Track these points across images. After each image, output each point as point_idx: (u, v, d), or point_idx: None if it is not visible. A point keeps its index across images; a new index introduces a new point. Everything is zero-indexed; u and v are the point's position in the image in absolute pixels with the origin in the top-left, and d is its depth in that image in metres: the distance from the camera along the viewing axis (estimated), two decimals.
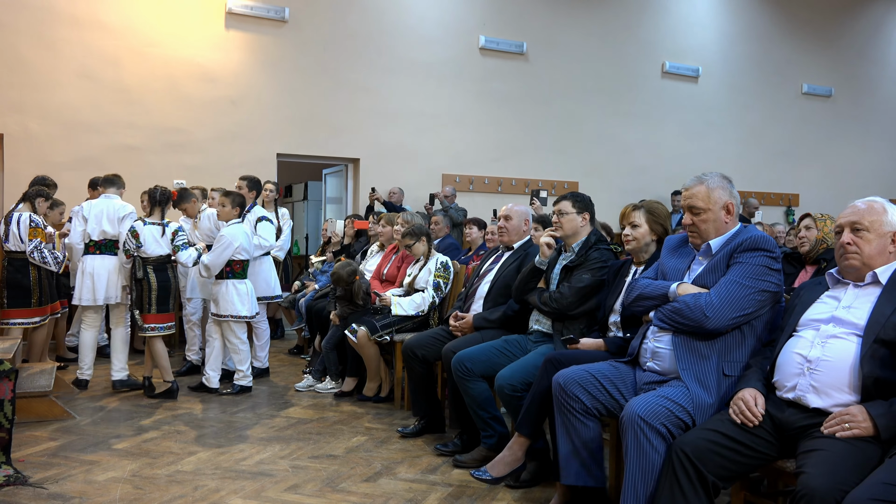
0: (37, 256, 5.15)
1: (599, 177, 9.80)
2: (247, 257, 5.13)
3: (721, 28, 10.80)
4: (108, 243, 5.17)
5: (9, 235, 5.17)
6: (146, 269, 4.91)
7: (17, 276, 5.17)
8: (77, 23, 7.30)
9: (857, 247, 2.36)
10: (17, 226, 5.17)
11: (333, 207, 9.66)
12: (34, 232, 5.15)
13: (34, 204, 5.31)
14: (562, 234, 3.59)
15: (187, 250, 4.99)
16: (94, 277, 5.08)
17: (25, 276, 5.19)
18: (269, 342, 5.75)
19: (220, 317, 5.06)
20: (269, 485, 3.35)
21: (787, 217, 11.07)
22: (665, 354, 2.68)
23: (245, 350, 5.14)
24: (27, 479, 3.33)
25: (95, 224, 5.12)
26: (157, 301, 4.92)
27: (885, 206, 2.38)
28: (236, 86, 7.97)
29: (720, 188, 2.73)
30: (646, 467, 2.40)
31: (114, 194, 5.29)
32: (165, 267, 5.00)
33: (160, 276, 4.94)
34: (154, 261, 4.93)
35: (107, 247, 5.17)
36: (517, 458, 3.28)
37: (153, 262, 4.93)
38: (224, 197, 5.16)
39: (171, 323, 5.02)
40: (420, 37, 8.87)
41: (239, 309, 5.04)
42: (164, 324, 4.96)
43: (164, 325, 4.96)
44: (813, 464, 2.03)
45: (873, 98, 12.01)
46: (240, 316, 5.05)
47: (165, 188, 5.12)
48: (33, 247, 5.14)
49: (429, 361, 4.11)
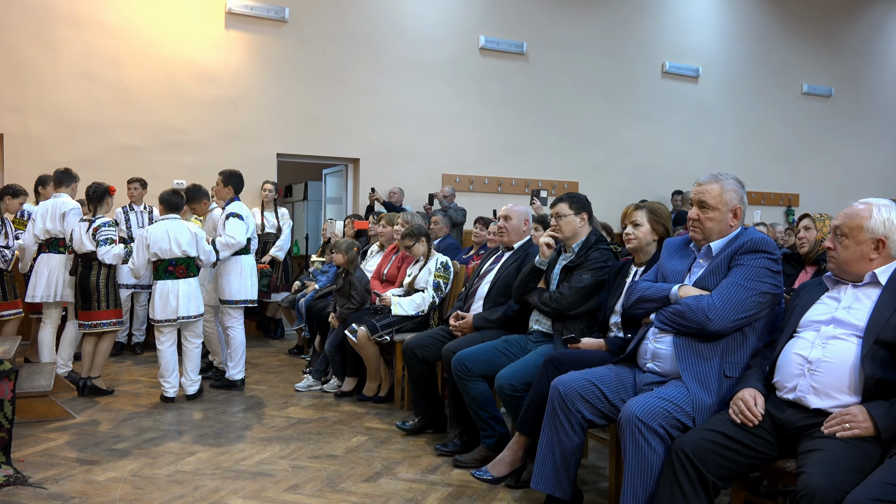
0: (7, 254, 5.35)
1: (599, 177, 9.79)
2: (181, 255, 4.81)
3: (721, 28, 10.80)
4: (54, 241, 5.25)
5: None
6: (76, 265, 5.04)
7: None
8: (77, 23, 7.30)
9: (836, 251, 2.37)
10: None
11: (333, 207, 9.66)
12: None
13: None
14: (561, 236, 3.59)
15: (107, 246, 4.90)
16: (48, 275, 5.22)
17: None
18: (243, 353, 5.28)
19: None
20: (269, 485, 3.35)
21: (787, 217, 11.07)
22: (665, 355, 2.68)
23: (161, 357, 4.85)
24: (27, 479, 3.33)
25: (41, 223, 5.26)
26: (81, 297, 5.00)
27: (871, 212, 2.34)
28: (236, 86, 7.97)
29: (733, 191, 2.74)
30: (644, 468, 2.40)
31: (63, 192, 5.36)
32: (91, 264, 5.00)
33: (83, 273, 5.00)
34: (81, 257, 5.02)
35: (52, 245, 5.27)
36: (517, 458, 3.28)
37: (82, 259, 5.01)
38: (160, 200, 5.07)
39: (97, 321, 4.96)
40: (420, 37, 8.86)
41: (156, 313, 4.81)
42: (88, 321, 4.97)
43: (88, 322, 4.98)
44: (813, 464, 2.03)
45: (873, 98, 12.00)
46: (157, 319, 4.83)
47: (100, 184, 5.11)
48: None
49: (429, 361, 4.11)
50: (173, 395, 4.86)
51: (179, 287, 4.80)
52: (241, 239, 5.09)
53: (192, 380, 4.95)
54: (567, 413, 2.74)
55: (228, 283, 5.17)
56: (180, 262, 4.82)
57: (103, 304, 4.99)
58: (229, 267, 5.19)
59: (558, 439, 2.77)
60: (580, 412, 2.73)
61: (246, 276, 5.24)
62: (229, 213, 5.16)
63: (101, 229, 4.93)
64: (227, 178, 5.37)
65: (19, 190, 5.69)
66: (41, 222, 5.27)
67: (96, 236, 4.93)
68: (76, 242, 5.01)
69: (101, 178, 5.41)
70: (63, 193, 5.39)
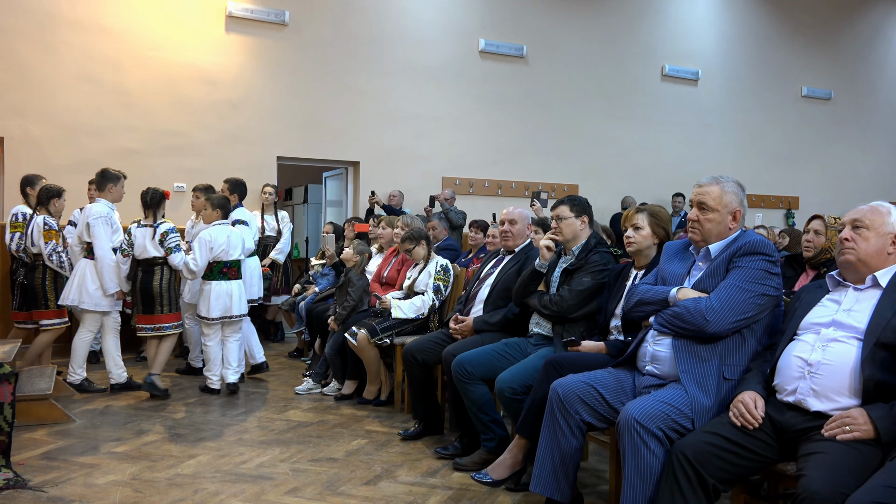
0: (55, 260, 5.18)
1: (599, 180, 9.79)
2: (236, 258, 5.17)
3: (720, 31, 10.81)
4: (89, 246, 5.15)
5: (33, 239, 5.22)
6: (136, 271, 5.03)
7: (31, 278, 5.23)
8: (78, 26, 7.31)
9: (855, 243, 2.37)
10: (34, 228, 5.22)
11: (333, 210, 9.66)
12: (48, 234, 5.17)
13: (47, 206, 5.31)
14: (562, 238, 3.59)
15: (180, 252, 4.99)
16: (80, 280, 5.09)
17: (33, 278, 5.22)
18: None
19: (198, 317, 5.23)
20: (269, 488, 3.35)
21: (787, 220, 11.07)
22: (665, 358, 2.69)
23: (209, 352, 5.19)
24: (27, 483, 3.33)
25: (80, 227, 5.18)
26: (141, 302, 5.02)
27: (889, 209, 2.40)
28: (236, 89, 7.97)
29: (733, 194, 2.75)
30: (644, 471, 2.40)
31: (103, 198, 5.18)
32: (153, 269, 5.02)
33: (144, 279, 5.01)
34: (143, 262, 5.01)
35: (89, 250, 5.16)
36: (517, 461, 3.28)
37: (143, 264, 5.01)
38: (206, 200, 5.28)
39: (160, 325, 5.02)
40: (420, 40, 8.87)
41: (201, 309, 5.16)
42: (150, 325, 5.01)
43: (150, 326, 5.01)
44: (813, 466, 2.03)
45: (873, 101, 12.01)
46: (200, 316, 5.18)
47: (157, 189, 5.13)
48: (50, 249, 5.16)
49: (429, 365, 4.11)
50: (219, 386, 5.19)
51: (233, 288, 5.16)
52: (250, 245, 5.56)
53: (235, 369, 5.23)
54: (566, 416, 2.74)
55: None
56: (233, 265, 5.19)
57: (165, 308, 5.06)
58: None
59: (557, 442, 2.77)
60: (579, 415, 2.73)
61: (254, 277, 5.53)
62: (235, 220, 5.50)
63: (169, 235, 4.99)
64: (234, 187, 5.70)
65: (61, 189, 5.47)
66: (78, 227, 5.20)
67: (165, 242, 4.96)
68: (138, 248, 5.00)
69: None
70: (102, 199, 5.15)
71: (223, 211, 5.22)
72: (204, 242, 5.01)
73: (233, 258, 5.16)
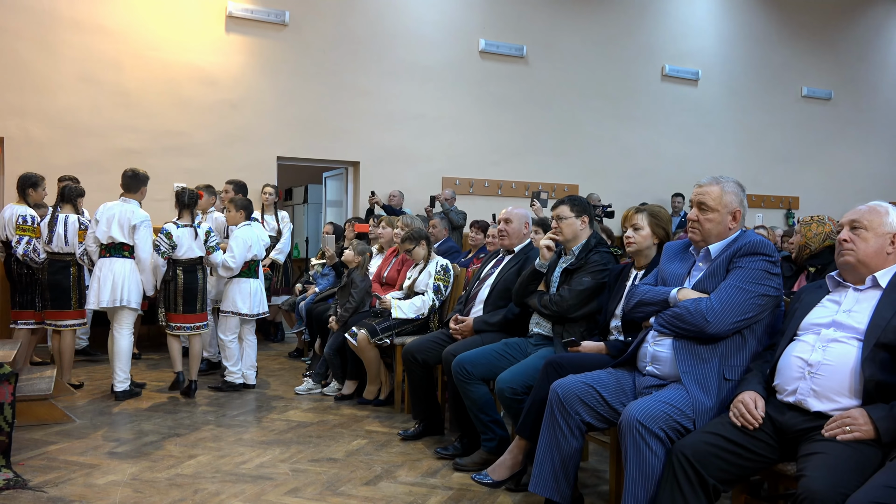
0: (87, 260, 5.16)
1: (599, 180, 9.79)
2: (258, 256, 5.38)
3: (721, 31, 10.81)
4: (117, 246, 4.98)
5: (53, 237, 5.13)
6: (175, 271, 5.06)
7: (58, 278, 5.15)
8: (78, 26, 7.31)
9: (854, 244, 2.37)
10: (65, 227, 5.14)
11: (333, 211, 9.66)
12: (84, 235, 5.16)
13: (75, 205, 5.28)
14: (562, 238, 3.59)
15: (219, 251, 5.19)
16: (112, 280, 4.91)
17: (66, 277, 5.18)
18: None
19: (222, 312, 5.29)
20: (269, 488, 3.35)
21: (788, 220, 11.07)
22: (665, 358, 2.68)
23: (233, 347, 5.28)
24: (27, 483, 3.33)
25: (105, 227, 4.96)
26: (183, 301, 5.07)
27: (888, 209, 2.39)
28: (236, 89, 7.97)
29: (733, 194, 2.75)
30: (645, 472, 2.40)
31: (132, 199, 5.06)
32: (195, 268, 5.11)
33: (188, 278, 5.08)
34: (184, 262, 5.07)
35: (115, 249, 4.98)
36: (518, 462, 3.27)
37: (184, 264, 5.07)
38: (230, 203, 5.44)
39: (199, 323, 5.16)
40: (420, 40, 8.87)
41: (240, 307, 5.24)
42: (190, 324, 5.09)
43: (190, 325, 5.09)
44: (814, 467, 2.03)
45: (873, 101, 12.01)
46: (240, 313, 5.25)
47: (193, 190, 5.23)
48: (82, 250, 5.14)
49: (429, 365, 4.11)
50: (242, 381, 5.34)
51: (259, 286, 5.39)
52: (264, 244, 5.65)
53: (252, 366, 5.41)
54: (566, 417, 2.74)
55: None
56: (257, 264, 5.38)
57: (202, 307, 5.17)
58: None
59: (557, 443, 2.77)
60: (579, 416, 2.73)
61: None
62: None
63: (211, 235, 5.15)
64: (239, 188, 5.83)
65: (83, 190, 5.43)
66: (105, 226, 4.95)
67: (207, 242, 5.10)
68: (182, 248, 5.02)
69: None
70: (132, 199, 5.06)
71: (247, 212, 5.40)
72: (242, 242, 5.18)
73: (259, 257, 5.41)
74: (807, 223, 4.21)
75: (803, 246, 4.17)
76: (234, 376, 5.29)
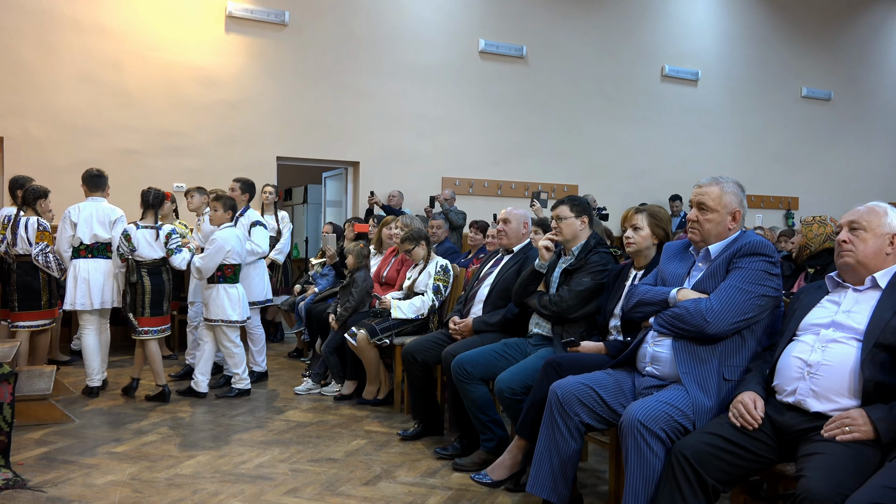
0: (41, 260, 5.15)
1: (599, 180, 9.80)
2: (238, 261, 5.11)
3: (720, 32, 10.82)
4: (101, 247, 5.10)
5: (17, 240, 5.16)
6: (140, 273, 4.93)
7: (27, 279, 5.16)
8: (78, 26, 7.31)
9: (853, 245, 2.36)
10: (26, 230, 5.15)
11: (333, 211, 9.66)
12: (41, 235, 5.15)
13: (35, 207, 5.30)
14: (562, 238, 3.59)
15: (181, 253, 5.00)
16: (90, 282, 5.03)
17: (35, 278, 5.18)
18: (265, 346, 5.73)
19: (210, 321, 5.06)
20: (268, 488, 3.34)
21: (787, 221, 11.08)
22: (665, 359, 2.68)
23: (239, 353, 5.14)
24: (26, 483, 3.33)
25: (86, 228, 5.04)
26: (150, 304, 4.93)
27: (886, 209, 2.39)
28: (236, 89, 7.98)
29: (732, 194, 2.75)
30: (646, 472, 2.40)
31: (100, 197, 5.20)
32: (160, 270, 5.00)
33: (154, 280, 4.95)
34: (148, 264, 4.94)
35: (98, 250, 5.10)
36: (517, 462, 3.27)
37: (147, 266, 4.94)
38: (215, 201, 5.14)
39: (165, 325, 5.05)
40: (420, 40, 8.88)
41: (230, 314, 5.03)
42: (157, 327, 4.98)
43: (157, 328, 4.98)
44: (813, 467, 2.03)
45: (873, 101, 12.02)
46: (230, 321, 5.03)
47: (158, 190, 5.09)
48: (39, 250, 5.13)
49: (428, 365, 4.11)
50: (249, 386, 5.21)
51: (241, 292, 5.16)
52: (266, 248, 5.60)
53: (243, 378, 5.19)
54: (565, 418, 2.74)
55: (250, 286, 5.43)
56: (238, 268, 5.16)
57: (168, 309, 5.10)
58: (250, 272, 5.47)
59: (556, 444, 2.76)
60: (578, 417, 2.72)
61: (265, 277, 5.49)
62: (255, 221, 5.58)
63: (173, 237, 5.01)
64: (245, 187, 5.67)
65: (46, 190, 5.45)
66: (86, 227, 5.04)
67: (168, 244, 4.98)
68: (143, 250, 4.93)
69: None
70: (100, 197, 5.18)
71: (233, 213, 5.19)
72: (219, 245, 4.96)
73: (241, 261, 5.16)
74: (808, 223, 4.22)
75: (803, 246, 4.17)
76: (244, 382, 5.16)
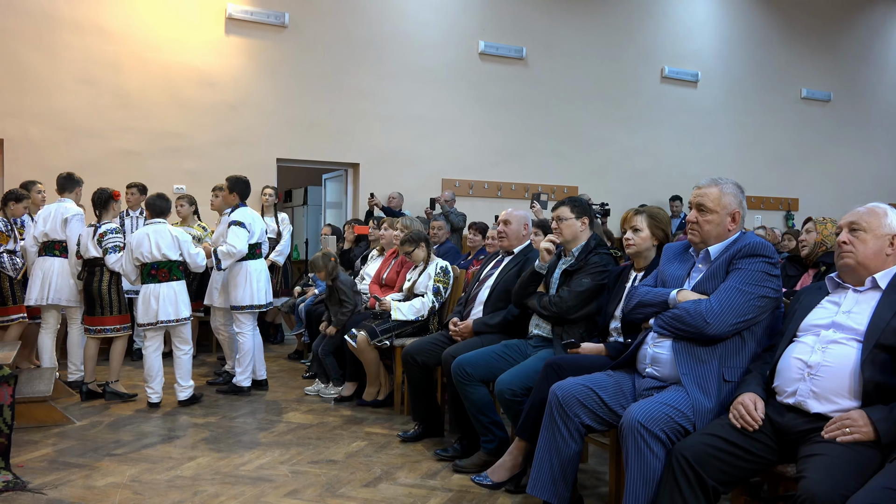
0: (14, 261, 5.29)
1: (599, 181, 9.80)
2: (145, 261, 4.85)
3: (720, 33, 10.82)
4: (51, 245, 5.23)
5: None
6: (93, 270, 5.05)
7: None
8: (78, 28, 7.32)
9: (853, 246, 2.36)
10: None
11: (333, 212, 9.66)
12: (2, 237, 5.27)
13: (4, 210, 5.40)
14: (562, 239, 3.59)
15: (115, 253, 4.96)
16: (44, 279, 5.18)
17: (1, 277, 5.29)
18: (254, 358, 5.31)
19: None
20: (268, 490, 3.34)
21: (787, 222, 11.08)
22: (665, 360, 2.68)
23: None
24: (26, 485, 3.33)
25: (41, 226, 5.25)
26: (86, 303, 5.06)
27: (886, 210, 2.39)
28: (236, 91, 7.98)
29: (732, 195, 2.75)
30: (646, 473, 2.40)
31: (67, 197, 5.37)
32: (94, 269, 5.04)
33: (87, 279, 5.06)
34: (88, 263, 5.05)
35: (49, 248, 5.24)
36: (517, 464, 3.27)
37: (88, 265, 5.05)
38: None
39: (121, 325, 5.06)
40: (420, 42, 8.88)
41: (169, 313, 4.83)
42: (111, 326, 5.02)
43: (111, 326, 5.02)
44: (813, 468, 2.03)
45: (872, 102, 12.03)
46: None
47: (105, 189, 5.15)
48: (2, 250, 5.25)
49: (428, 366, 4.11)
50: (157, 400, 4.85)
51: (161, 290, 4.82)
52: (241, 247, 5.13)
53: (182, 386, 4.91)
54: (565, 419, 2.73)
55: (235, 288, 5.25)
56: (162, 266, 4.83)
57: (107, 310, 5.04)
58: (235, 273, 5.26)
59: (556, 445, 2.76)
60: (579, 418, 2.72)
61: (252, 281, 5.26)
62: (232, 221, 5.22)
63: (108, 235, 4.97)
64: (233, 185, 5.38)
65: (22, 195, 5.64)
66: (42, 225, 5.26)
67: (102, 242, 4.96)
68: (83, 248, 5.03)
69: (101, 183, 5.41)
70: (67, 198, 5.38)
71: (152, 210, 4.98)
72: (126, 244, 4.93)
73: (158, 259, 4.79)
74: (822, 222, 4.25)
75: (819, 243, 4.18)
76: (149, 394, 4.84)
